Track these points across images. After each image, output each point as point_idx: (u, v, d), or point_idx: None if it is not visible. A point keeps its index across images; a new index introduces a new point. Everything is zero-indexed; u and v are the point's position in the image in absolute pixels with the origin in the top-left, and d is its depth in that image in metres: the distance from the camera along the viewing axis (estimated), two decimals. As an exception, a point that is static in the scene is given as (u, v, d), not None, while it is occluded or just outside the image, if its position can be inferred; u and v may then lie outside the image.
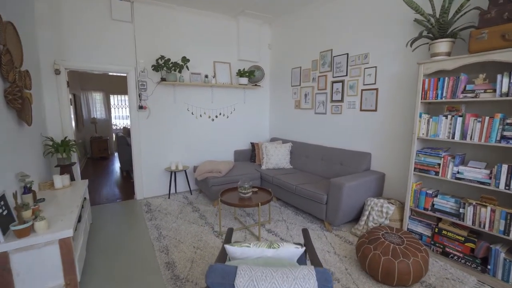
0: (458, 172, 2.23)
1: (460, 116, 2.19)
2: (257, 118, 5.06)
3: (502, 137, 1.96)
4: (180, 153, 4.32)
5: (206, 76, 4.22)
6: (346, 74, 3.49)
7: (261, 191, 3.16)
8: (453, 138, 2.24)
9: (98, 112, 8.22)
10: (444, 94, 2.28)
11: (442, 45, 2.27)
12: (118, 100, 8.65)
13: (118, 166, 6.56)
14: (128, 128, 6.30)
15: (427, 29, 2.35)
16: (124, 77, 3.87)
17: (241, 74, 4.39)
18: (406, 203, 2.58)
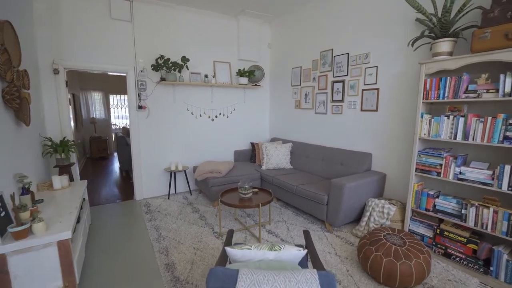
0: (460, 173, 2.21)
1: (462, 116, 2.17)
2: (257, 118, 5.04)
3: (505, 138, 1.94)
4: (180, 153, 4.30)
5: (206, 76, 4.20)
6: (347, 74, 3.47)
7: (262, 192, 3.14)
8: (455, 139, 2.22)
9: (98, 112, 8.20)
10: (446, 94, 2.26)
11: (444, 45, 2.25)
12: (118, 100, 8.63)
13: (118, 166, 6.54)
14: (128, 128, 6.27)
15: (429, 29, 2.33)
16: (124, 77, 3.84)
17: (241, 74, 4.37)
18: (408, 204, 2.56)
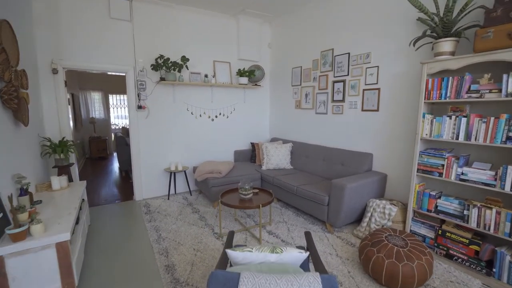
0: (463, 174, 2.20)
1: (465, 117, 2.16)
2: (257, 118, 5.02)
3: (508, 138, 1.93)
4: (180, 153, 4.28)
5: (206, 76, 4.18)
6: (348, 74, 3.45)
7: (262, 192, 3.12)
8: (457, 139, 2.21)
9: (97, 112, 8.17)
10: (448, 94, 2.24)
11: (446, 44, 2.23)
12: (117, 100, 8.60)
13: (117, 166, 6.51)
14: (127, 128, 6.25)
15: (431, 28, 2.31)
16: (123, 77, 3.82)
17: (241, 74, 4.34)
18: (409, 205, 2.54)
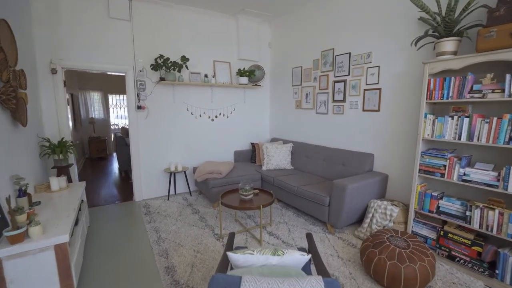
0: (465, 174, 2.18)
1: (467, 117, 2.14)
2: (258, 118, 5.00)
3: (511, 138, 1.91)
4: (180, 154, 4.26)
5: (206, 76, 4.16)
6: (348, 74, 3.43)
7: (262, 193, 3.10)
8: (460, 139, 2.19)
9: (97, 112, 8.14)
10: (450, 94, 2.23)
11: (448, 44, 2.21)
12: (117, 100, 8.57)
13: (117, 167, 6.49)
14: (127, 128, 6.24)
15: (433, 28, 2.30)
16: (123, 77, 3.80)
17: (241, 74, 4.33)
18: (411, 205, 2.52)
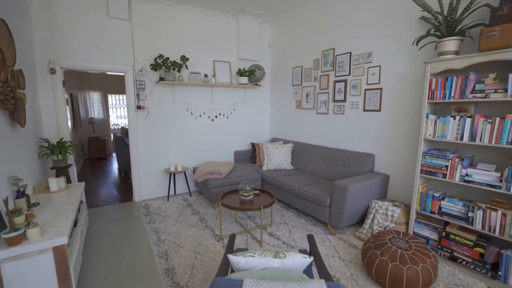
0: (467, 175, 2.16)
1: (469, 117, 2.12)
2: (258, 118, 4.98)
3: (514, 139, 1.89)
4: (179, 154, 4.24)
5: (206, 76, 4.13)
6: (349, 74, 3.41)
7: (263, 194, 3.08)
8: (462, 140, 2.17)
9: (96, 112, 8.11)
10: (452, 94, 2.21)
11: (450, 44, 2.19)
12: (117, 100, 8.55)
13: (116, 167, 6.47)
14: (126, 128, 6.21)
15: (435, 27, 2.28)
16: (122, 77, 3.78)
17: (241, 74, 4.31)
18: (412, 206, 2.51)
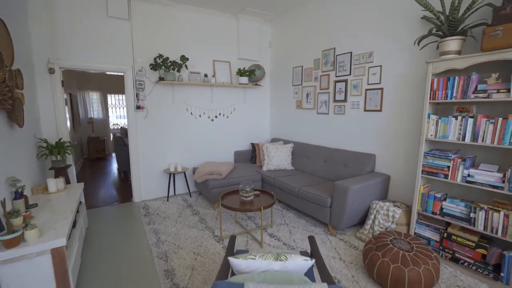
0: (469, 175, 2.15)
1: (471, 117, 2.11)
2: (258, 118, 4.96)
3: (517, 139, 1.88)
4: (179, 154, 4.22)
5: (206, 75, 4.11)
6: (350, 73, 3.39)
7: (263, 194, 3.07)
8: (464, 140, 2.16)
9: (95, 112, 8.09)
10: (454, 94, 2.19)
11: (452, 43, 2.18)
12: (117, 100, 8.52)
13: (116, 167, 6.45)
14: (126, 128, 6.18)
15: (437, 27, 2.26)
16: (121, 77, 3.76)
17: (241, 73, 4.29)
18: (414, 207, 2.49)
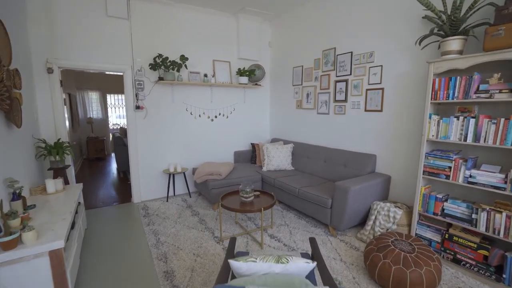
0: (471, 176, 2.13)
1: (473, 118, 2.09)
2: (258, 118, 4.94)
3: (519, 140, 1.86)
4: (179, 154, 4.20)
5: (205, 75, 4.10)
6: (350, 73, 3.38)
7: (263, 195, 3.05)
8: (465, 141, 2.14)
9: (95, 112, 8.06)
10: (456, 95, 2.18)
11: (454, 43, 2.16)
12: (116, 100, 8.49)
13: (115, 167, 6.43)
14: (125, 128, 6.17)
15: (438, 26, 2.24)
16: (121, 76, 3.74)
17: (241, 73, 4.27)
18: (415, 208, 2.48)
